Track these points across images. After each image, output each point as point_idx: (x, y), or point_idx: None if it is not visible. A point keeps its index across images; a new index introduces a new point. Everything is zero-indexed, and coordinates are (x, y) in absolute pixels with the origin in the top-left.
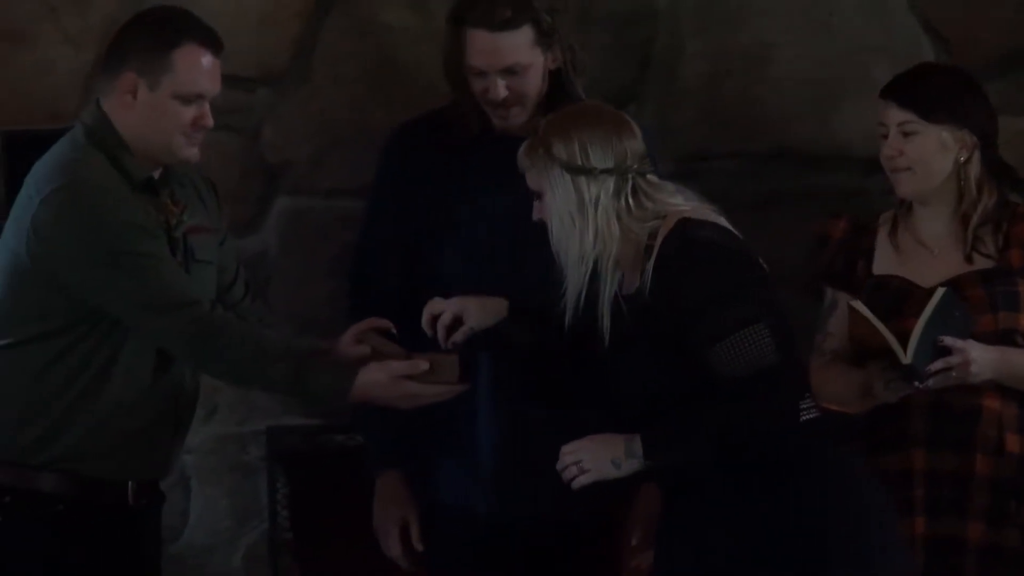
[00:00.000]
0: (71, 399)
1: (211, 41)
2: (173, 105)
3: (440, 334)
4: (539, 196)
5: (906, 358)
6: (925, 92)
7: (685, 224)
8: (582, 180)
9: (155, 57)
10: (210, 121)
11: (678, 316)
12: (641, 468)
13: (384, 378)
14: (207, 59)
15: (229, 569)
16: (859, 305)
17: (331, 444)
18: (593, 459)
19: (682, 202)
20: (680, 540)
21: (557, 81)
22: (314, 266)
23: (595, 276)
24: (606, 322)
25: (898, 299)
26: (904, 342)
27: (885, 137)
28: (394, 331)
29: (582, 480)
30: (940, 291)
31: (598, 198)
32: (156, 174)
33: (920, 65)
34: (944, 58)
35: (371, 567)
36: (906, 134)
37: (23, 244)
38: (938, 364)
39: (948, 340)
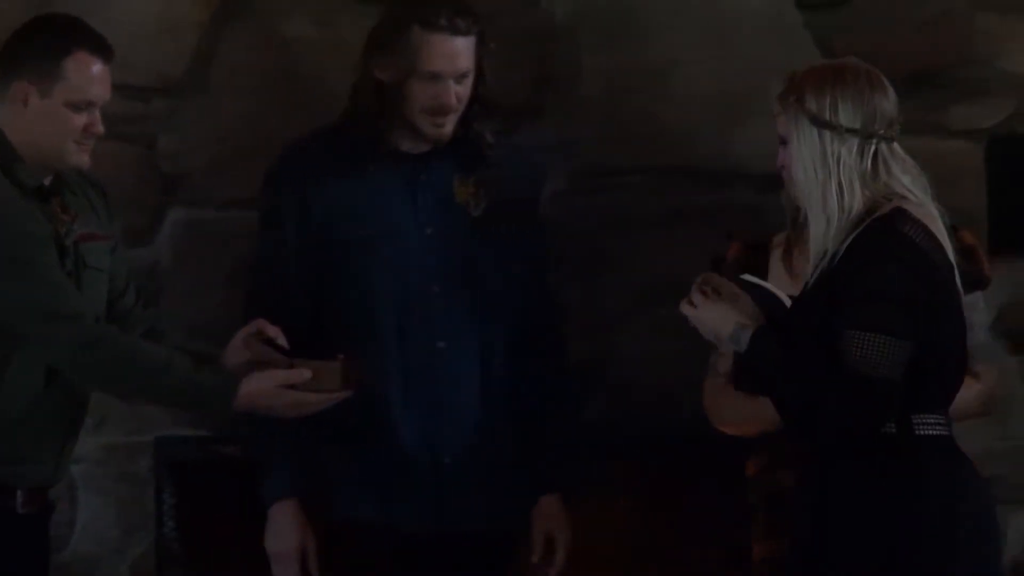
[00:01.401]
0: None
1: (102, 48)
2: (64, 112)
3: None
4: (783, 143)
5: None
6: None
7: (900, 214)
8: (827, 135)
9: (46, 65)
10: (101, 128)
11: (840, 292)
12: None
13: (268, 387)
14: (98, 67)
15: None
16: (749, 277)
17: (219, 455)
18: (702, 315)
19: (911, 185)
20: (809, 521)
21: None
22: (207, 278)
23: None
24: (812, 278)
25: None
26: None
27: None
28: (281, 340)
29: (684, 310)
30: None
31: (840, 156)
32: (47, 181)
33: None
34: None
35: None
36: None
37: None
38: None
39: None
